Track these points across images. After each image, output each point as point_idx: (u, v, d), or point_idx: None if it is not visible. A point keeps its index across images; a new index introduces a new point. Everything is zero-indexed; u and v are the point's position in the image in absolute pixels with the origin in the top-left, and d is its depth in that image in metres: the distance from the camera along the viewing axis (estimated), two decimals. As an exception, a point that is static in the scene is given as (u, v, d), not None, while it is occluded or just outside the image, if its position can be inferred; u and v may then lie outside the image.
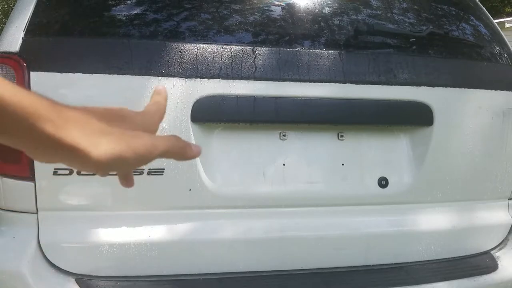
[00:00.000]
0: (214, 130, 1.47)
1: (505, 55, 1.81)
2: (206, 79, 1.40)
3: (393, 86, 1.55)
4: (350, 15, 1.67)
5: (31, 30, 1.36)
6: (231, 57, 1.43)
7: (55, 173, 1.34)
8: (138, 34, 1.43)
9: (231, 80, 1.41)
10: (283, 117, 1.47)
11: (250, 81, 1.43)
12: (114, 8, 1.51)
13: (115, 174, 0.52)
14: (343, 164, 1.57)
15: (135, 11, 1.48)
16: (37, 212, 1.36)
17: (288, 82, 1.46)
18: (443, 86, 1.60)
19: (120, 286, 1.38)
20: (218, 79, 1.40)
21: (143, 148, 0.47)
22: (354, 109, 1.52)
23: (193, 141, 1.41)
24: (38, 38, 1.36)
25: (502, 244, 1.74)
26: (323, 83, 1.49)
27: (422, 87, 1.58)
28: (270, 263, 1.51)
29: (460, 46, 1.75)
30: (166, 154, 0.50)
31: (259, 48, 1.47)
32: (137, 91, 1.36)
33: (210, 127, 1.46)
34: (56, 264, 1.36)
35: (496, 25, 1.91)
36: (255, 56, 1.45)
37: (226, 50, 1.43)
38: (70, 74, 1.31)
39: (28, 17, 1.38)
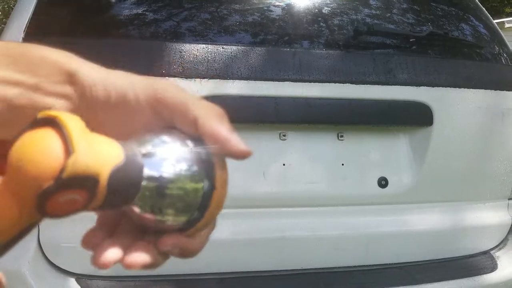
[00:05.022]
0: (214, 130, 1.47)
1: (505, 55, 1.81)
2: (206, 79, 1.40)
3: (393, 86, 1.55)
4: (350, 15, 1.67)
5: (31, 30, 1.36)
6: (231, 57, 1.43)
7: (55, 173, 1.34)
8: (138, 34, 1.43)
9: (231, 81, 1.42)
10: (283, 117, 1.48)
11: (250, 81, 1.43)
12: (115, 8, 1.51)
13: None
14: (343, 164, 1.57)
15: (135, 12, 1.48)
16: None
17: (287, 82, 1.46)
18: (442, 86, 1.61)
19: (120, 286, 1.38)
20: (218, 79, 1.41)
21: None
22: (354, 109, 1.53)
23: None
24: (38, 39, 1.36)
25: (501, 244, 1.74)
26: (322, 83, 1.49)
27: (422, 87, 1.58)
28: (270, 263, 1.51)
29: (460, 46, 1.75)
30: None
31: (259, 48, 1.47)
32: None
33: (210, 127, 1.46)
34: (57, 264, 1.36)
35: (496, 25, 1.91)
36: (255, 56, 1.45)
37: (226, 50, 1.43)
38: None
39: (28, 18, 1.38)
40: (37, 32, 1.37)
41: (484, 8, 1.95)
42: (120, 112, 0.33)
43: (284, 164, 1.52)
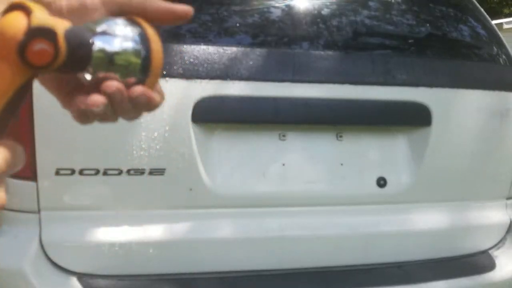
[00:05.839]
0: (215, 130, 1.48)
1: (503, 56, 1.83)
2: (206, 80, 1.41)
3: (392, 86, 1.56)
4: (349, 17, 1.68)
5: None
6: (231, 58, 1.44)
7: (57, 173, 1.35)
8: None
9: (231, 81, 1.43)
10: (282, 118, 1.49)
11: (250, 82, 1.45)
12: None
13: None
14: (342, 164, 1.58)
15: (136, 13, 1.49)
16: (39, 212, 1.38)
17: (287, 83, 1.47)
18: (441, 87, 1.62)
19: (121, 285, 1.39)
20: (218, 80, 1.42)
21: None
22: (353, 110, 1.54)
23: (193, 142, 1.42)
24: None
25: (500, 243, 1.75)
26: (322, 84, 1.50)
27: (421, 88, 1.59)
28: (270, 262, 1.53)
29: (458, 47, 1.77)
30: None
31: (259, 49, 1.48)
32: None
33: (211, 128, 1.47)
34: (58, 263, 1.38)
35: (494, 26, 1.93)
36: (255, 57, 1.46)
37: (226, 52, 1.44)
38: None
39: None
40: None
41: (482, 9, 1.96)
42: (79, 15, 0.40)
43: (283, 164, 1.53)
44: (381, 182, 1.60)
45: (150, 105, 0.41)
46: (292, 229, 1.54)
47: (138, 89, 0.40)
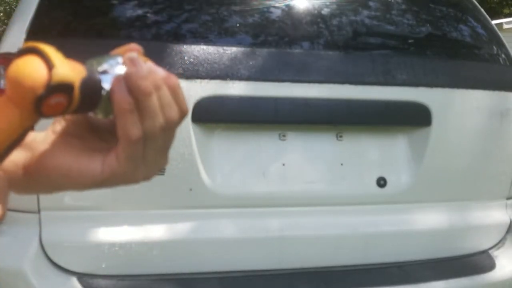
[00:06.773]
0: (215, 130, 1.48)
1: (503, 56, 1.83)
2: (206, 80, 1.41)
3: (392, 86, 1.56)
4: (349, 17, 1.68)
5: (33, 31, 1.37)
6: (231, 58, 1.44)
7: (57, 173, 1.35)
8: (139, 35, 1.44)
9: (231, 81, 1.43)
10: (283, 118, 1.49)
11: (250, 82, 1.45)
12: (116, 9, 1.52)
13: None
14: (342, 164, 1.58)
15: (137, 13, 1.49)
16: (39, 212, 1.38)
17: (287, 83, 1.47)
18: (441, 87, 1.62)
19: (121, 285, 1.39)
20: (218, 80, 1.42)
21: None
22: (353, 110, 1.54)
23: (193, 142, 1.42)
24: (40, 40, 1.37)
25: (500, 244, 1.75)
26: (322, 84, 1.50)
27: (421, 88, 1.59)
28: (270, 262, 1.53)
29: (458, 47, 1.77)
30: None
31: (259, 49, 1.48)
32: None
33: (211, 128, 1.47)
34: (58, 263, 1.37)
35: (494, 26, 1.93)
36: (255, 57, 1.46)
37: (226, 52, 1.44)
38: None
39: (30, 19, 1.39)
40: (39, 33, 1.38)
41: (482, 9, 1.96)
42: None
43: (283, 164, 1.53)
44: (381, 182, 1.60)
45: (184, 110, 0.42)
46: (292, 229, 1.54)
47: (173, 79, 0.40)
